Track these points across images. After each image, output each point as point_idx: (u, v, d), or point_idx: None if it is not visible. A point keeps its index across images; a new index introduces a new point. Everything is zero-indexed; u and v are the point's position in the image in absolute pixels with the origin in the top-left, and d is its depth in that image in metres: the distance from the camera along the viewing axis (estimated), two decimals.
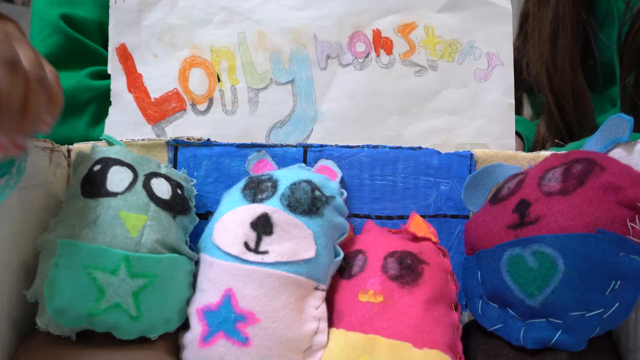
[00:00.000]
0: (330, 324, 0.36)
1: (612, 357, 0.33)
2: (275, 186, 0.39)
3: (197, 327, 0.34)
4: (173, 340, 0.36)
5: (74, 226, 0.34)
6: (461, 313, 0.39)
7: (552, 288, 0.31)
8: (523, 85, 0.84)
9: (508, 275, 0.34)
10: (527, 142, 0.79)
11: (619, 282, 0.30)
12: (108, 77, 0.54)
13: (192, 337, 0.34)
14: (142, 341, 0.34)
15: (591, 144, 0.39)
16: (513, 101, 0.50)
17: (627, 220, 0.31)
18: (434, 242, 0.38)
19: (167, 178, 0.39)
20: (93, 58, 0.56)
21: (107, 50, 0.56)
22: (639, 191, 0.31)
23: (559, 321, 0.31)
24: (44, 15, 0.56)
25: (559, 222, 0.32)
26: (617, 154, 0.37)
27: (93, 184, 0.36)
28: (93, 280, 0.32)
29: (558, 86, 0.71)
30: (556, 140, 0.73)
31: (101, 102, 0.53)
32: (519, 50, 0.82)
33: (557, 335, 0.31)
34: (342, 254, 0.38)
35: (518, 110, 0.88)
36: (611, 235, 0.30)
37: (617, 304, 0.30)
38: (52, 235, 0.34)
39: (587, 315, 0.31)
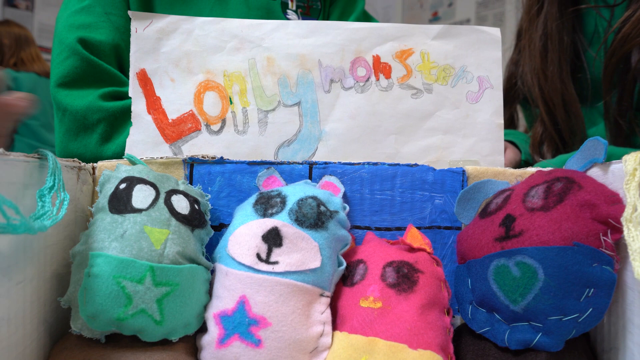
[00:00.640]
0: (334, 327, 0.39)
1: (587, 356, 0.36)
2: (284, 202, 0.42)
3: (214, 330, 0.38)
4: (192, 342, 0.39)
5: (103, 239, 0.37)
6: (453, 317, 0.42)
7: (533, 295, 0.35)
8: (519, 95, 0.87)
9: (494, 283, 0.37)
10: (522, 148, 0.82)
11: (592, 289, 0.33)
12: (120, 98, 0.57)
13: (210, 339, 0.38)
14: (164, 343, 0.38)
15: (572, 163, 0.42)
16: (502, 121, 0.53)
17: (600, 234, 0.34)
18: (429, 253, 0.41)
19: (186, 194, 0.43)
20: (107, 79, 0.59)
21: (121, 71, 0.60)
22: (612, 208, 0.35)
23: (539, 324, 0.35)
24: (63, 39, 0.59)
25: (540, 235, 0.35)
26: (594, 173, 0.40)
27: (119, 201, 0.39)
28: (122, 289, 0.35)
29: (549, 96, 0.74)
30: (542, 160, 0.76)
31: (110, 123, 0.56)
32: (515, 62, 0.86)
33: (538, 337, 0.34)
34: (344, 264, 0.41)
35: (513, 124, 0.91)
36: (586, 248, 0.34)
37: (590, 309, 0.33)
38: (83, 248, 0.38)
39: (564, 319, 0.34)
